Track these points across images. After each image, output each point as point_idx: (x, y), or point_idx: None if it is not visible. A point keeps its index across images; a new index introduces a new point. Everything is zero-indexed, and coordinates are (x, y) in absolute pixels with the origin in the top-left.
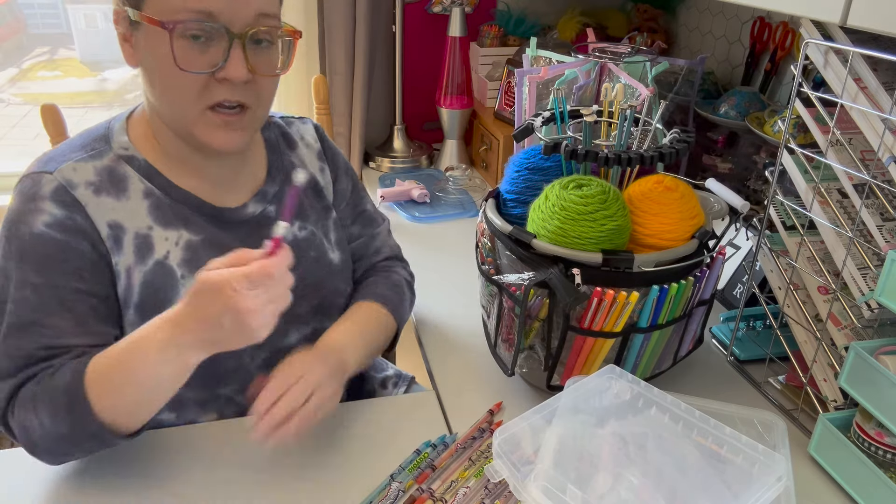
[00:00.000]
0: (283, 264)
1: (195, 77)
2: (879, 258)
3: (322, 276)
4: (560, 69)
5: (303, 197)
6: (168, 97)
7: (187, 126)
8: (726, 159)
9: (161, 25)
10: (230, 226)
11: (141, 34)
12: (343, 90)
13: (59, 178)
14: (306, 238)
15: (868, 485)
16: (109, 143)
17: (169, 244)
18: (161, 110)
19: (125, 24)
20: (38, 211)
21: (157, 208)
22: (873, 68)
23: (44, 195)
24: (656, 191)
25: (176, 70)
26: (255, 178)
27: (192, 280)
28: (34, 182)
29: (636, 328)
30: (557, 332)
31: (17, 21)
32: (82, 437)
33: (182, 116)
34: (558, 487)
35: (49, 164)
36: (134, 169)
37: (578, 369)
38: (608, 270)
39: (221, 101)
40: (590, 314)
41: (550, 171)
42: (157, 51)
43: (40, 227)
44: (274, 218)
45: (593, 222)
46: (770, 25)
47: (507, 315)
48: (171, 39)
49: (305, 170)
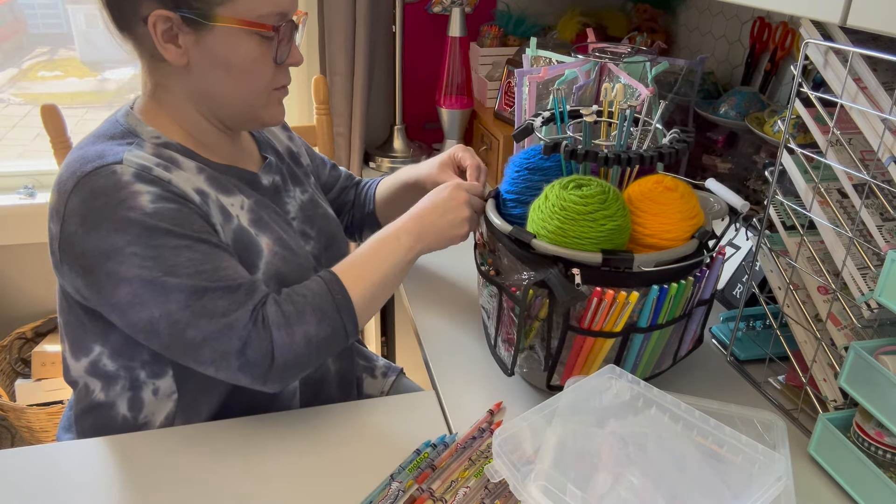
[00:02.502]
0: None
1: (270, 68)
2: (879, 258)
3: (333, 228)
4: (560, 69)
5: (292, 165)
6: (243, 90)
7: (255, 110)
8: (726, 159)
9: (272, 29)
10: (262, 190)
11: (209, 35)
12: (343, 90)
13: (130, 164)
14: (310, 199)
15: (868, 485)
16: (138, 134)
17: (236, 209)
18: (223, 102)
19: (168, 24)
20: (135, 194)
21: (213, 180)
22: (873, 68)
23: (129, 180)
24: (656, 191)
25: (262, 66)
26: (253, 152)
27: (263, 237)
28: (107, 175)
29: (636, 328)
30: (557, 332)
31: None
32: (339, 337)
33: (253, 103)
34: (558, 487)
35: (105, 158)
36: (174, 151)
37: (578, 369)
38: (608, 270)
39: (286, 83)
40: (589, 314)
41: (550, 171)
42: (238, 51)
43: (149, 205)
44: (282, 186)
45: (593, 222)
46: (770, 25)
47: (507, 315)
48: (276, 42)
49: (280, 142)
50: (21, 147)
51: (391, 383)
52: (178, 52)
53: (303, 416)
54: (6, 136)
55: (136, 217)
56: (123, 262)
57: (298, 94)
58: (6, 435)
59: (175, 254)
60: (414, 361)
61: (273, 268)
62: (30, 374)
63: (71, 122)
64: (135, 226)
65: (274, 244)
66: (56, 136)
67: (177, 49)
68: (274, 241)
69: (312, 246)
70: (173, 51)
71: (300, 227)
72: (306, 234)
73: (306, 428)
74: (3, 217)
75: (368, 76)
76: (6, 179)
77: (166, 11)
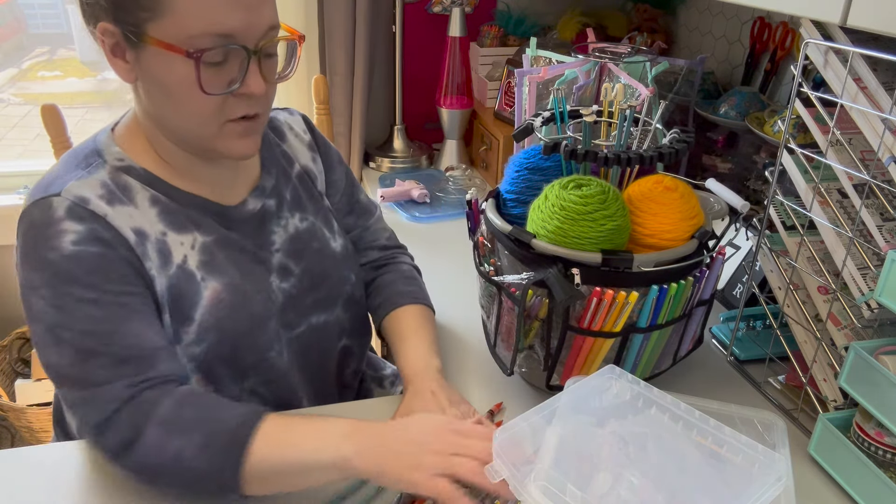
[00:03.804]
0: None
1: (214, 96)
2: (879, 258)
3: (327, 266)
4: (560, 69)
5: (298, 188)
6: (185, 116)
7: (206, 140)
8: (726, 159)
9: (186, 55)
10: (236, 223)
11: (144, 53)
12: (343, 90)
13: (68, 196)
14: (308, 229)
15: (868, 485)
16: (102, 156)
17: (185, 248)
18: (172, 127)
19: (114, 39)
20: (60, 233)
21: (166, 213)
22: (873, 68)
23: (60, 216)
24: (656, 191)
25: (197, 93)
26: (251, 175)
27: (211, 282)
28: (43, 208)
29: (635, 328)
30: (557, 332)
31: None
32: (209, 481)
33: (200, 133)
34: (558, 487)
35: (51, 188)
36: (133, 178)
37: (578, 369)
38: (607, 270)
39: (242, 115)
40: (589, 314)
41: (550, 171)
42: (171, 73)
43: (69, 246)
44: (274, 212)
45: (593, 222)
46: (770, 25)
47: (507, 315)
48: (197, 67)
49: (297, 160)
50: (21, 147)
51: (400, 392)
52: (125, 67)
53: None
54: (6, 136)
55: (53, 258)
56: (36, 300)
57: (298, 94)
58: (6, 435)
59: (77, 307)
60: None
61: (213, 319)
62: (30, 374)
63: (71, 122)
64: (49, 268)
65: (223, 290)
66: (56, 136)
67: (125, 64)
68: (224, 286)
69: (291, 284)
70: (121, 66)
71: (281, 262)
72: (287, 269)
73: None
74: (3, 217)
75: (368, 76)
76: (6, 179)
77: (110, 25)
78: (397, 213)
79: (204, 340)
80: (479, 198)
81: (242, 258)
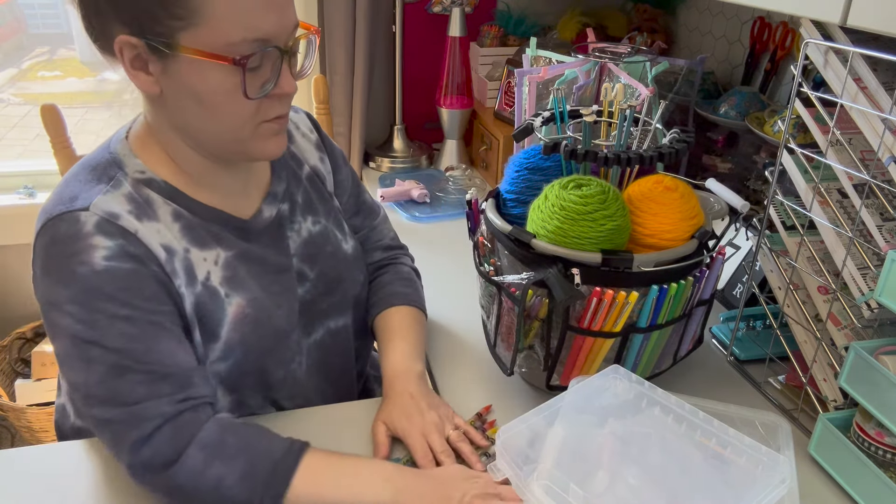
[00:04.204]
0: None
1: (249, 101)
2: (879, 258)
3: (341, 269)
4: (560, 69)
5: (309, 190)
6: (220, 123)
7: (240, 144)
8: (726, 159)
9: (233, 63)
10: (255, 235)
11: (174, 64)
12: (343, 90)
13: (97, 212)
14: (321, 232)
15: (868, 485)
16: (122, 168)
17: (208, 264)
18: (202, 135)
19: (134, 51)
20: (91, 248)
21: (189, 229)
22: (873, 68)
23: (90, 231)
24: (656, 191)
25: (237, 98)
26: (262, 181)
27: (235, 298)
28: (71, 222)
29: (635, 328)
30: (557, 332)
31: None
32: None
33: (235, 137)
34: (560, 486)
35: (76, 202)
36: (155, 192)
37: (578, 369)
38: (608, 270)
39: (278, 115)
40: (589, 314)
41: (550, 171)
42: (206, 81)
43: (101, 262)
44: (287, 217)
45: (593, 222)
46: (770, 25)
47: (507, 315)
48: (243, 74)
49: (307, 162)
50: (21, 147)
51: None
52: (148, 80)
53: (304, 415)
54: (6, 136)
55: (83, 272)
56: (61, 316)
57: (298, 93)
58: (6, 435)
59: (109, 323)
60: None
61: (238, 335)
62: (30, 374)
63: (71, 122)
64: (79, 282)
65: (247, 305)
66: (56, 136)
67: (147, 77)
68: (248, 301)
69: (306, 290)
70: (143, 78)
71: (298, 267)
72: (303, 274)
73: (310, 427)
74: (3, 217)
75: (368, 76)
76: (6, 179)
77: (131, 38)
78: (397, 213)
79: (230, 357)
80: (478, 198)
81: (263, 271)
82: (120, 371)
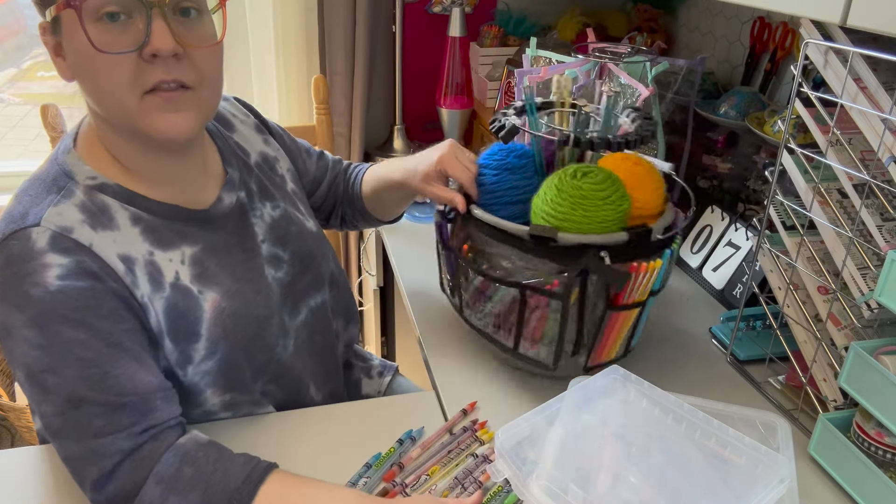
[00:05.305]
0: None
1: (124, 61)
2: (879, 258)
3: (311, 246)
4: (560, 69)
5: (261, 177)
6: (101, 90)
7: (131, 119)
8: (726, 159)
9: (67, 5)
10: (219, 224)
11: (63, 37)
12: (343, 90)
13: (49, 226)
14: (282, 216)
15: (868, 485)
16: (72, 177)
17: (175, 264)
18: (103, 112)
19: (47, 34)
20: (44, 267)
21: (150, 232)
22: (873, 68)
23: (42, 249)
24: (626, 166)
25: (99, 57)
26: (216, 170)
27: (209, 293)
28: (23, 240)
29: (653, 292)
30: (594, 316)
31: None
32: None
33: (122, 110)
34: (560, 487)
35: (26, 219)
36: (110, 197)
37: (610, 345)
38: (632, 245)
39: (158, 82)
40: (629, 289)
41: (527, 168)
42: (76, 43)
43: (55, 281)
44: (248, 204)
45: (612, 204)
46: (770, 25)
47: (531, 314)
48: (80, 18)
49: (252, 150)
50: (21, 147)
51: (387, 383)
52: (63, 66)
53: (304, 415)
54: (6, 136)
55: (37, 294)
56: (17, 343)
57: (298, 94)
58: (6, 435)
59: (64, 348)
60: (413, 361)
61: (220, 329)
62: None
63: (71, 122)
64: (33, 306)
65: (222, 299)
66: (56, 136)
67: (63, 62)
68: (223, 294)
69: (284, 272)
70: (60, 64)
71: (270, 252)
72: (277, 258)
73: (309, 426)
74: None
75: (368, 76)
76: (6, 179)
77: (44, 20)
78: None
79: (216, 353)
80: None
81: (233, 260)
82: (76, 403)
